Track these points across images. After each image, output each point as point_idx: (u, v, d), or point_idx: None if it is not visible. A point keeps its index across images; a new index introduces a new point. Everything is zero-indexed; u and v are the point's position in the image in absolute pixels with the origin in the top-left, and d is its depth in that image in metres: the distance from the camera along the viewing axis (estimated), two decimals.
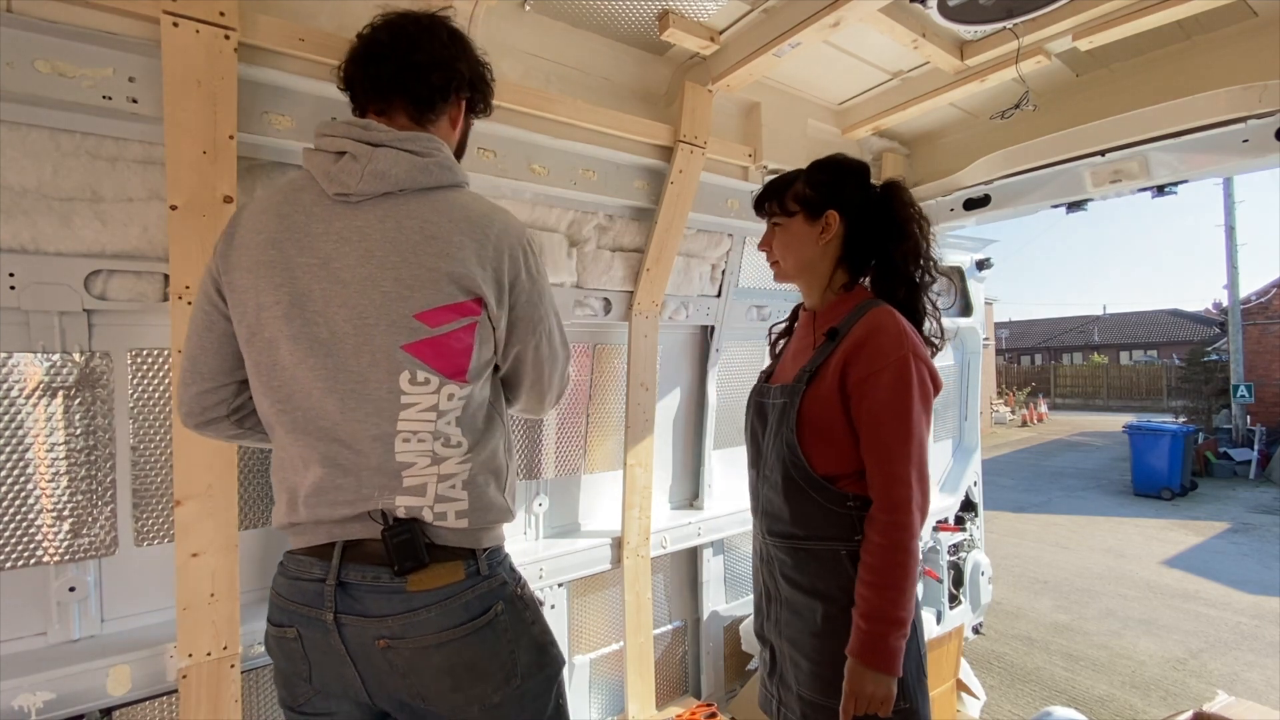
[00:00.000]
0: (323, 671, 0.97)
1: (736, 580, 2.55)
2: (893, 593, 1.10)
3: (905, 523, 1.11)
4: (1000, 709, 3.44)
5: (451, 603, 0.94)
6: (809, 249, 1.32)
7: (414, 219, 0.94)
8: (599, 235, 1.96)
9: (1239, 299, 12.31)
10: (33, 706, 1.18)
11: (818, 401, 1.22)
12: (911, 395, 1.14)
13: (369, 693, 0.97)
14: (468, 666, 0.95)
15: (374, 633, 0.92)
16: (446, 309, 0.93)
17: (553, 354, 1.11)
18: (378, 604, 0.92)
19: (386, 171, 0.94)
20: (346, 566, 0.93)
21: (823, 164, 1.35)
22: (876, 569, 1.12)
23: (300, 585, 0.96)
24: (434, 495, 0.95)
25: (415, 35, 1.01)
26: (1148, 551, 6.44)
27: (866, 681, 1.10)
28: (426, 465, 0.94)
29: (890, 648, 1.10)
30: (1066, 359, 28.89)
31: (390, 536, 0.92)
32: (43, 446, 1.26)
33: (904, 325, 1.20)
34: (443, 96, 1.04)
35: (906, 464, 1.13)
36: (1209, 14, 1.60)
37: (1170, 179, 2.03)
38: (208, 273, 0.99)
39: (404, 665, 0.93)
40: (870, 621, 1.11)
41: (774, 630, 1.32)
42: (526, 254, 1.02)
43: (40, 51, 1.10)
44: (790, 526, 1.26)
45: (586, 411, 2.13)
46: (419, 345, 0.92)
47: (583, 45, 1.76)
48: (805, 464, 1.22)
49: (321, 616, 0.93)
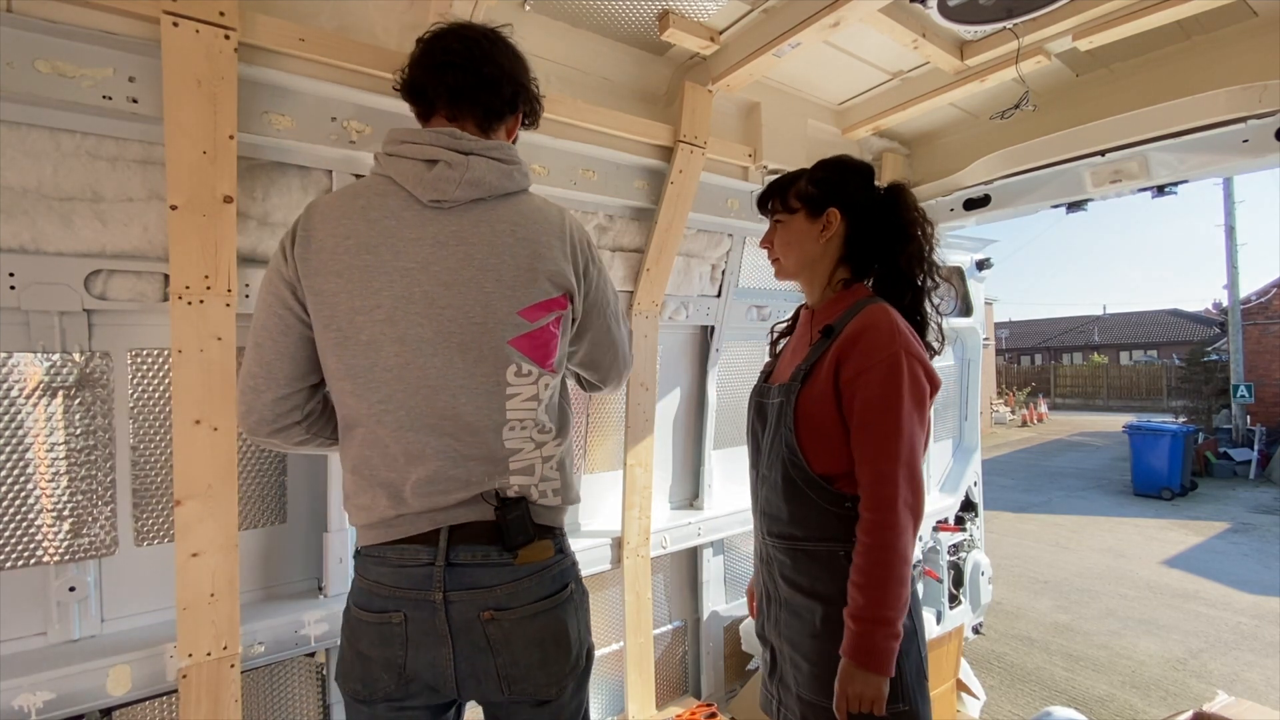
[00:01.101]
0: (419, 655, 0.99)
1: (736, 580, 2.55)
2: (879, 592, 1.10)
3: (891, 521, 1.10)
4: (1000, 709, 3.44)
5: (544, 575, 1.03)
6: (810, 246, 1.32)
7: (504, 223, 1.02)
8: (599, 235, 1.96)
9: (1239, 299, 12.31)
10: (33, 706, 1.18)
11: (813, 400, 1.21)
12: (901, 392, 1.13)
13: (457, 677, 1.00)
14: (555, 639, 1.02)
15: (481, 604, 0.98)
16: (542, 305, 1.02)
17: (622, 330, 1.23)
18: (487, 576, 0.99)
19: (481, 179, 1.00)
20: (455, 549, 0.98)
21: (827, 163, 1.36)
22: (863, 569, 1.12)
23: (407, 571, 0.99)
24: (540, 475, 1.05)
25: (487, 48, 1.07)
26: (1148, 551, 6.44)
27: (856, 681, 1.10)
28: (532, 450, 1.04)
29: (879, 648, 1.09)
30: (1066, 359, 28.89)
31: (505, 514, 1.00)
32: (43, 446, 1.26)
33: (897, 322, 1.19)
34: (511, 109, 1.11)
35: (894, 462, 1.12)
36: (1209, 14, 1.60)
37: (1170, 179, 2.03)
38: (279, 276, 0.99)
39: (501, 638, 0.99)
40: (858, 622, 1.11)
41: (774, 631, 1.32)
42: (591, 244, 1.13)
43: (40, 51, 1.10)
44: (789, 527, 1.26)
45: (586, 411, 2.13)
46: (521, 340, 1.01)
47: (583, 45, 1.76)
48: (803, 463, 1.22)
49: (430, 597, 0.97)
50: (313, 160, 1.44)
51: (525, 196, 1.07)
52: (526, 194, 1.08)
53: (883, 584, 1.10)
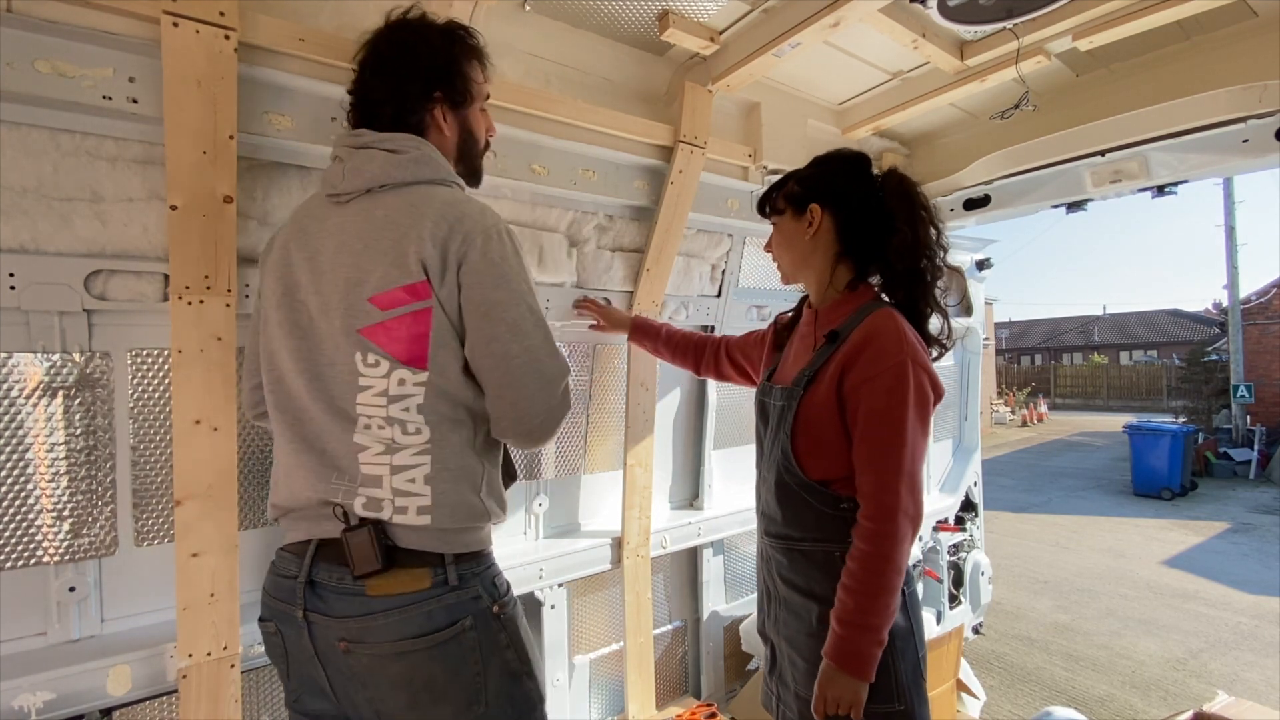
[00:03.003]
0: (299, 669, 1.00)
1: (736, 580, 2.55)
2: (869, 600, 1.10)
3: (890, 531, 1.10)
4: (1000, 709, 3.44)
5: (412, 610, 0.91)
6: (799, 246, 1.31)
7: (383, 209, 0.98)
8: (599, 235, 1.96)
9: (1239, 299, 12.31)
10: (33, 706, 1.18)
11: (814, 406, 1.20)
12: (906, 403, 1.12)
13: (336, 697, 0.97)
14: (426, 684, 0.91)
15: (336, 633, 0.93)
16: (398, 291, 0.95)
17: (528, 357, 0.99)
18: (340, 605, 0.93)
19: (362, 168, 1.00)
20: (317, 565, 0.95)
21: (818, 159, 1.35)
22: (857, 575, 1.11)
23: (281, 581, 1.00)
24: (391, 488, 0.94)
25: (388, 51, 1.07)
26: (1148, 551, 6.44)
27: (836, 684, 1.10)
28: (380, 452, 0.94)
29: (862, 654, 1.09)
30: (1066, 359, 28.89)
31: (349, 537, 0.92)
32: (43, 446, 1.26)
33: (904, 330, 1.17)
34: (420, 102, 1.07)
35: (897, 473, 1.11)
36: (1209, 14, 1.60)
37: (1170, 179, 2.03)
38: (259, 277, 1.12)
39: (363, 673, 0.92)
40: (845, 627, 1.11)
41: (774, 629, 1.33)
42: (489, 239, 0.98)
43: (40, 51, 1.10)
44: (785, 528, 1.26)
45: (586, 411, 2.13)
46: (373, 329, 0.95)
47: (583, 45, 1.75)
48: (798, 469, 1.21)
49: (294, 613, 0.95)
50: (313, 160, 1.44)
51: (428, 187, 1.01)
52: (436, 186, 1.02)
53: (874, 592, 1.10)
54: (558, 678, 2.02)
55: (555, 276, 1.87)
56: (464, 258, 0.96)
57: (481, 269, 0.97)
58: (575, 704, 2.09)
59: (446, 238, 0.95)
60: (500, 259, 0.99)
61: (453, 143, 1.13)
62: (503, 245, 0.99)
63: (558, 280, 1.89)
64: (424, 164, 1.03)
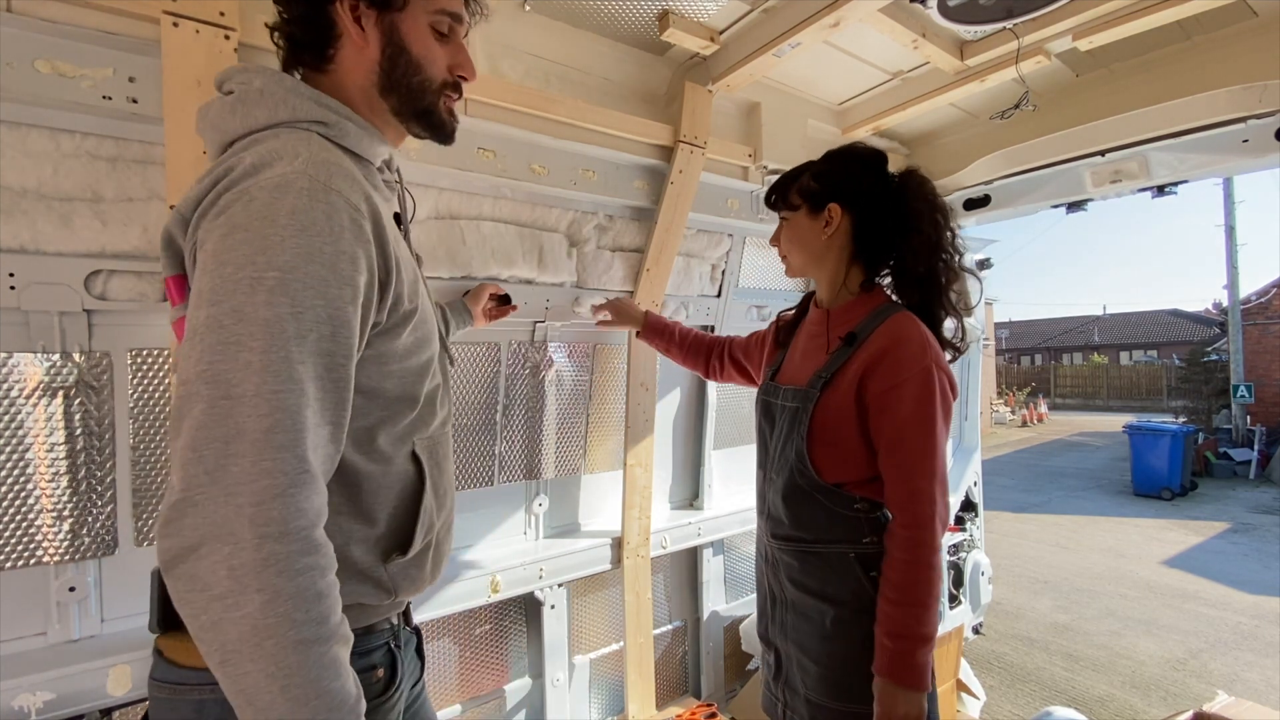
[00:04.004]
0: None
1: (737, 580, 2.55)
2: (918, 609, 1.08)
3: (928, 539, 1.09)
4: (1000, 709, 3.44)
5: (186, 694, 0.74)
6: (814, 244, 1.28)
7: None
8: (599, 235, 1.96)
9: (1239, 299, 12.30)
10: (33, 706, 1.18)
11: (831, 410, 1.18)
12: (935, 409, 1.11)
13: None
14: None
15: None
16: (172, 283, 0.79)
17: (189, 390, 0.62)
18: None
19: (204, 117, 0.80)
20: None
21: (833, 154, 1.31)
22: (901, 585, 1.09)
23: None
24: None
25: None
26: (1148, 551, 6.44)
27: (899, 701, 1.07)
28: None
29: (919, 664, 1.07)
30: (1066, 359, 28.88)
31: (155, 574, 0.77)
32: (43, 446, 1.26)
33: (927, 335, 1.16)
34: (315, 15, 0.81)
35: (931, 479, 1.10)
36: (1209, 14, 1.60)
37: (1170, 179, 2.03)
38: None
39: None
40: (896, 640, 1.08)
41: (779, 634, 1.29)
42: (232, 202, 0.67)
43: (40, 51, 1.10)
44: (796, 530, 1.23)
45: (586, 411, 2.13)
46: (177, 326, 0.79)
47: (583, 45, 1.75)
48: (813, 472, 1.19)
49: None
50: None
51: (269, 135, 0.74)
52: (278, 132, 0.74)
53: (922, 601, 1.08)
54: (558, 678, 2.02)
55: (555, 276, 1.87)
56: (198, 227, 0.70)
57: (211, 250, 0.66)
58: (575, 704, 2.09)
59: (202, 209, 0.70)
60: (227, 232, 0.66)
61: (372, 60, 0.83)
62: (247, 209, 0.66)
63: (558, 280, 1.89)
64: (254, 104, 0.75)
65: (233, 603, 0.59)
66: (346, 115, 0.80)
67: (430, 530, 0.88)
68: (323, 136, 0.77)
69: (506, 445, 1.94)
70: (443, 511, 0.93)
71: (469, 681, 1.92)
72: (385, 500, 0.83)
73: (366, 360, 0.77)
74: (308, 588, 0.62)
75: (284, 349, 0.63)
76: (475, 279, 1.72)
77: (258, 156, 0.69)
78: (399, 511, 0.85)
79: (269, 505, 0.60)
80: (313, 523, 0.64)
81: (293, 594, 0.61)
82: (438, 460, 0.91)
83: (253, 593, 0.59)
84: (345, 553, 0.78)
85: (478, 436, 1.88)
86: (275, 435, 0.61)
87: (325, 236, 0.67)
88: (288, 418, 0.62)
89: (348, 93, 0.84)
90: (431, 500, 0.88)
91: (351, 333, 0.70)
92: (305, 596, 0.61)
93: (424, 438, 0.89)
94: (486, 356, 1.87)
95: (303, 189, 0.67)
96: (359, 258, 0.70)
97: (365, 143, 0.84)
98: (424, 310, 0.87)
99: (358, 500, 0.80)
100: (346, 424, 0.71)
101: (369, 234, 0.72)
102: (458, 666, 1.89)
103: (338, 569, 0.67)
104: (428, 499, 0.87)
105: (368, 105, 0.86)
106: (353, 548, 0.80)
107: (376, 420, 0.81)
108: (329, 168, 0.71)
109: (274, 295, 0.63)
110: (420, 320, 0.85)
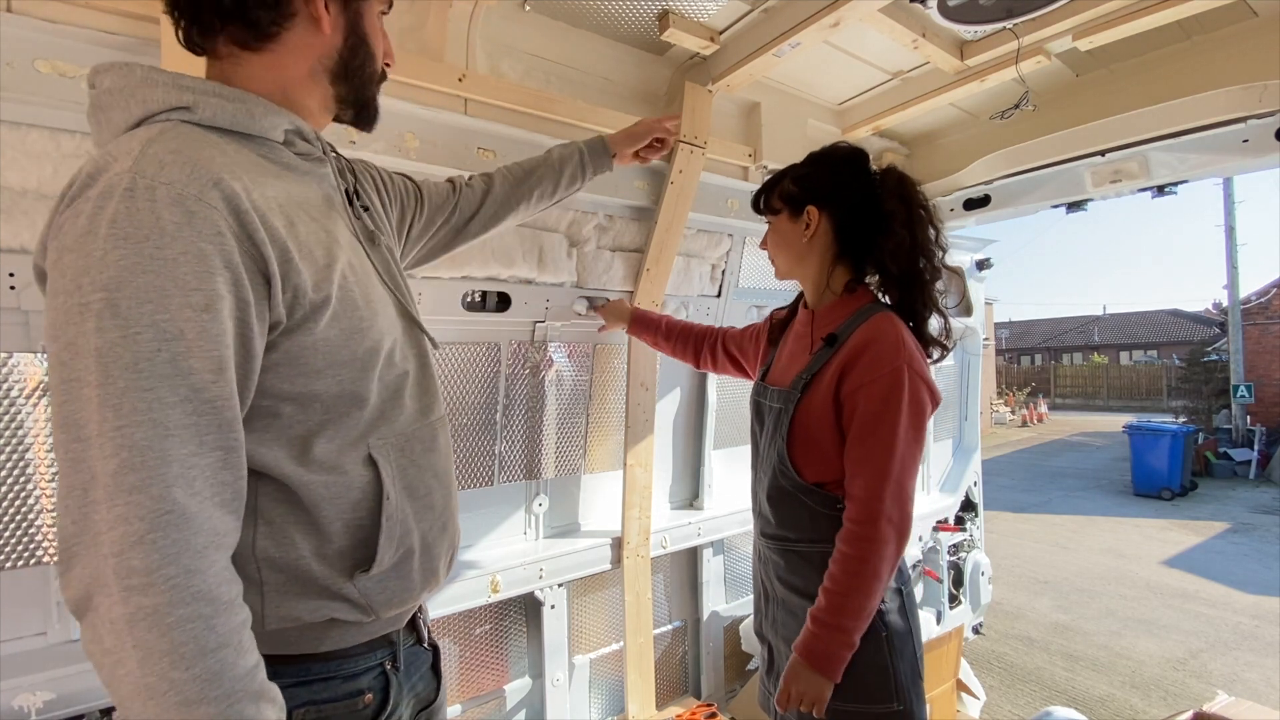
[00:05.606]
0: None
1: (736, 580, 2.55)
2: (844, 601, 1.10)
3: (873, 536, 1.09)
4: (1000, 709, 3.44)
5: None
6: (795, 247, 1.30)
7: None
8: (599, 235, 1.96)
9: (1239, 299, 12.31)
10: (33, 706, 1.18)
11: (811, 410, 1.20)
12: (899, 410, 1.11)
13: None
14: None
15: None
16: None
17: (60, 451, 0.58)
18: None
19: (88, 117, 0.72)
20: None
21: (813, 156, 1.33)
22: (835, 576, 1.12)
23: None
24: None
25: None
26: (1148, 551, 6.44)
27: (801, 680, 1.11)
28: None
29: (830, 654, 1.10)
30: (1066, 359, 28.88)
31: None
32: (43, 446, 1.26)
33: (903, 336, 1.16)
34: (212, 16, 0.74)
35: (884, 479, 1.10)
36: (1209, 14, 1.60)
37: (1170, 179, 2.03)
38: None
39: None
40: (817, 625, 1.11)
41: (771, 629, 1.33)
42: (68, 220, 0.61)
43: (40, 51, 1.10)
44: (781, 529, 1.26)
45: (586, 411, 2.13)
46: None
47: (583, 45, 1.75)
48: (794, 473, 1.21)
49: None
50: None
51: (125, 138, 0.65)
52: (134, 133, 0.66)
53: (850, 594, 1.10)
54: (558, 678, 2.02)
55: (555, 276, 1.87)
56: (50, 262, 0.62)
57: (54, 287, 0.60)
58: (575, 704, 2.09)
59: (49, 235, 0.64)
60: (57, 257, 0.60)
61: (331, 47, 0.80)
62: (74, 226, 0.60)
63: (558, 280, 1.89)
64: (109, 107, 0.68)
65: (117, 659, 0.56)
66: (214, 91, 0.71)
67: (406, 537, 0.81)
68: (190, 123, 0.68)
69: (506, 445, 1.94)
70: (429, 513, 0.85)
71: (469, 681, 1.92)
72: (335, 512, 0.75)
73: (277, 365, 0.69)
74: (185, 643, 0.56)
75: (120, 379, 0.56)
76: (475, 279, 1.72)
77: (92, 165, 0.62)
78: (356, 523, 0.77)
79: (128, 555, 0.55)
80: (188, 569, 0.57)
81: (167, 651, 0.55)
82: (413, 458, 0.84)
83: (129, 649, 0.55)
84: (302, 566, 0.73)
85: (478, 436, 1.88)
86: (124, 477, 0.56)
87: (153, 240, 0.58)
88: (135, 455, 0.56)
89: (282, 73, 0.78)
90: (403, 505, 0.81)
91: (216, 343, 0.61)
92: (183, 654, 0.56)
93: (388, 436, 0.81)
94: (486, 356, 1.87)
95: (125, 191, 0.59)
96: (208, 254, 0.60)
97: (253, 117, 0.73)
98: (350, 297, 0.76)
99: (302, 512, 0.73)
100: (242, 444, 0.65)
101: (226, 223, 0.62)
102: (458, 666, 1.89)
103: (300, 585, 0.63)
104: (392, 505, 0.79)
105: (301, 89, 0.80)
106: (309, 562, 0.74)
107: (313, 427, 0.73)
108: (166, 160, 0.61)
109: (102, 320, 0.56)
110: (343, 309, 0.75)
